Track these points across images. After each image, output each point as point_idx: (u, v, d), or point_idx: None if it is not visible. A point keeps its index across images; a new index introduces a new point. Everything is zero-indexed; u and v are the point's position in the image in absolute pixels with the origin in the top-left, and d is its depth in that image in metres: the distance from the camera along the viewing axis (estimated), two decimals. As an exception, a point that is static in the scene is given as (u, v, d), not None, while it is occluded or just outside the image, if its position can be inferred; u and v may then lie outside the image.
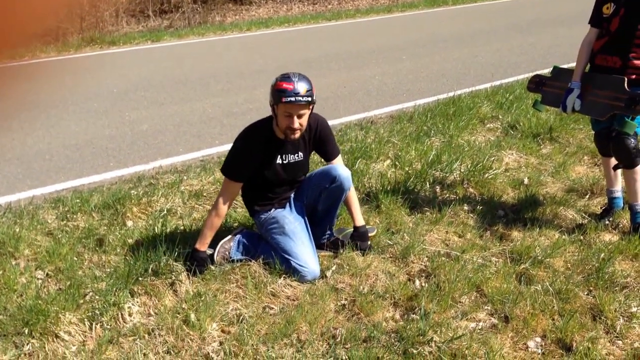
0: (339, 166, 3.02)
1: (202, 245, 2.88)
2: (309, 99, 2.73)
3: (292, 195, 3.13)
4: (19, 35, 0.55)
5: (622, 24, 3.07)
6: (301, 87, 2.71)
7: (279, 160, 2.95)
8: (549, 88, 3.57)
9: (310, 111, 2.84)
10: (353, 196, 3.13)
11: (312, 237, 3.01)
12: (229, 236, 3.02)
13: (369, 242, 3.11)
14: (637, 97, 2.95)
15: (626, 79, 3.02)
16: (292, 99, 2.69)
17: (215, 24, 13.18)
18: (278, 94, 2.72)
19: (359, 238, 3.09)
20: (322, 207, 3.08)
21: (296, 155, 2.99)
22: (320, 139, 3.03)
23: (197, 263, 2.83)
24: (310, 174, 3.14)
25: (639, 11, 3.01)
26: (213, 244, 2.97)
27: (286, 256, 2.87)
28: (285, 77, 2.74)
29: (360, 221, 3.11)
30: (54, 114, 5.84)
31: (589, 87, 3.23)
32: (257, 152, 2.89)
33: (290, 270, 2.85)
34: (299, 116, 2.76)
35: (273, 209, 3.04)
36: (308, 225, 3.04)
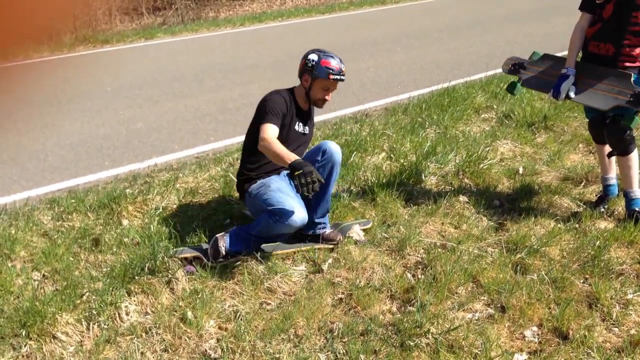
0: (329, 141, 3.14)
1: (292, 158, 2.73)
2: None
3: (284, 171, 3.19)
4: (18, 35, 0.54)
5: (616, 11, 3.05)
6: (343, 67, 3.10)
7: (296, 127, 3.17)
8: (530, 72, 3.55)
9: None
10: None
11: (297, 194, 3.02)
12: (222, 232, 3.02)
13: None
14: None
15: (633, 74, 3.00)
16: (338, 77, 3.07)
17: (208, 20, 13.12)
18: (327, 70, 3.04)
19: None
20: None
21: (306, 127, 3.24)
22: (313, 118, 3.37)
23: (307, 170, 2.63)
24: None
25: None
26: (207, 240, 2.97)
27: (274, 208, 2.87)
28: (330, 56, 3.08)
29: None
30: (48, 113, 5.82)
31: (582, 76, 3.21)
32: (287, 109, 3.10)
33: (277, 217, 2.84)
34: (332, 90, 3.14)
35: (260, 179, 3.10)
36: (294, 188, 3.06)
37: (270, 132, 2.94)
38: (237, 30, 10.88)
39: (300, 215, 2.85)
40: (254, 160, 3.14)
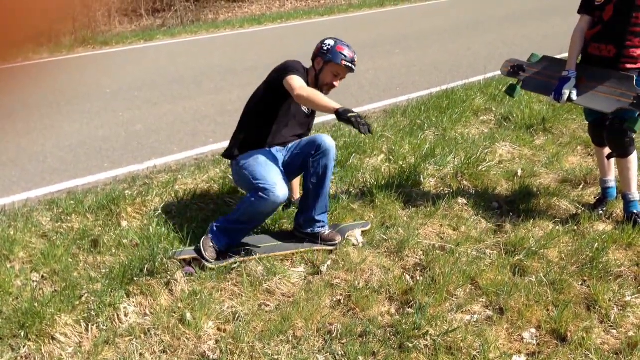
0: (323, 135, 3.14)
1: (336, 105, 2.84)
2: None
3: (278, 147, 3.23)
4: (16, 36, 0.55)
5: (617, 12, 3.05)
6: (356, 58, 3.19)
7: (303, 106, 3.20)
8: (530, 74, 3.55)
9: None
10: None
11: (283, 170, 3.08)
12: (204, 236, 3.01)
13: None
14: None
15: (635, 76, 3.00)
16: (350, 65, 3.14)
17: (207, 21, 13.13)
18: (340, 55, 3.12)
19: None
20: (312, 182, 3.09)
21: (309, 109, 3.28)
22: None
23: (356, 112, 2.79)
24: (302, 139, 3.26)
25: None
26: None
27: (256, 182, 2.91)
28: (346, 45, 3.18)
29: None
30: (48, 115, 5.82)
31: (583, 78, 3.21)
32: (304, 76, 3.09)
33: (259, 194, 2.86)
34: (341, 79, 3.21)
35: (251, 151, 3.13)
36: (281, 166, 3.12)
37: (302, 82, 2.98)
38: (236, 32, 10.89)
39: (282, 191, 2.87)
40: (253, 130, 3.19)
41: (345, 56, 3.12)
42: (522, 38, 8.61)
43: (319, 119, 4.92)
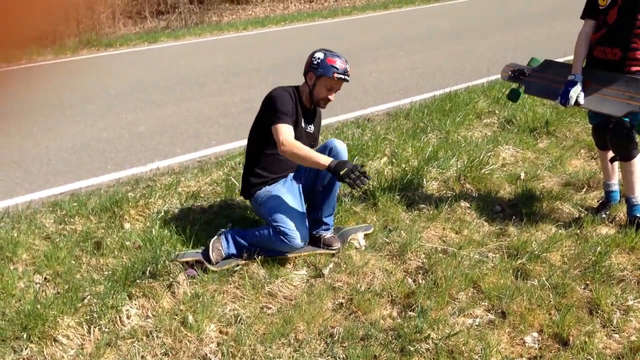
0: (335, 139, 3.14)
1: (327, 160, 2.81)
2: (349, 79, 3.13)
3: (291, 174, 3.22)
4: (17, 37, 0.55)
5: (621, 15, 3.05)
6: (348, 68, 3.09)
7: (302, 124, 3.15)
8: (531, 79, 3.53)
9: None
10: None
11: (304, 207, 3.11)
12: (215, 236, 3.03)
13: None
14: None
15: None
16: (343, 76, 3.04)
17: (211, 24, 13.17)
18: (331, 68, 3.02)
19: None
20: (321, 185, 3.11)
21: (310, 126, 3.23)
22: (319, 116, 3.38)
23: (349, 167, 2.73)
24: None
25: (638, 1, 2.99)
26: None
27: (275, 225, 2.92)
28: (336, 56, 3.08)
29: None
30: (52, 117, 5.84)
31: (589, 82, 3.19)
32: (294, 106, 3.06)
33: (281, 237, 2.89)
34: (336, 91, 3.13)
35: (267, 185, 3.12)
36: (302, 196, 3.14)
37: (288, 134, 2.91)
38: (239, 34, 10.91)
39: (303, 238, 2.93)
40: (260, 162, 3.13)
41: (337, 69, 3.02)
42: (526, 40, 8.60)
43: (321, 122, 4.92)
